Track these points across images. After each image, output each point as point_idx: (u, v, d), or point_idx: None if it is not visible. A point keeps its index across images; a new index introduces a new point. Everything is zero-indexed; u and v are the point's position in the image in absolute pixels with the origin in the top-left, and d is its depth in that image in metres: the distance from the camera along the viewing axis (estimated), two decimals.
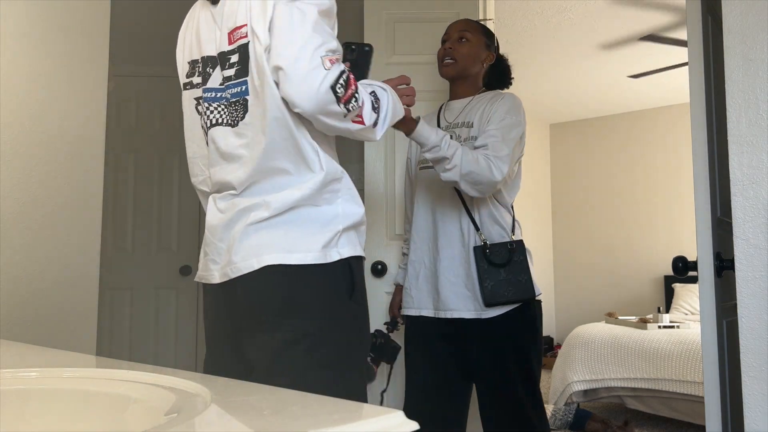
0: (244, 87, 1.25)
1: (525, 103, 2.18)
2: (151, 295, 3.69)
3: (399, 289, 2.20)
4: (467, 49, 2.02)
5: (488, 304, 1.88)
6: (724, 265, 1.72)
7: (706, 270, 1.71)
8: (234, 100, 1.27)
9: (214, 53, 1.32)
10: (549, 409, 3.98)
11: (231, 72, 1.27)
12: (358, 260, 1.29)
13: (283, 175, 1.25)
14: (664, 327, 4.27)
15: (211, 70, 1.32)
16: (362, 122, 1.25)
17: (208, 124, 1.33)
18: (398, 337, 2.17)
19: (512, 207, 2.05)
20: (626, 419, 3.85)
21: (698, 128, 1.76)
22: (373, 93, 1.31)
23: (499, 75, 2.11)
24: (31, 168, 1.84)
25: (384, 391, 2.19)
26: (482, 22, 2.13)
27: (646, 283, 6.60)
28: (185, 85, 1.42)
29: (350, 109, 1.20)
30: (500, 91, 2.10)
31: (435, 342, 2.00)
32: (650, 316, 4.64)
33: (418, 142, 1.79)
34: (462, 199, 1.95)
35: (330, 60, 1.18)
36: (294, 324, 1.21)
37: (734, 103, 1.44)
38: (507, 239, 1.94)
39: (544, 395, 3.08)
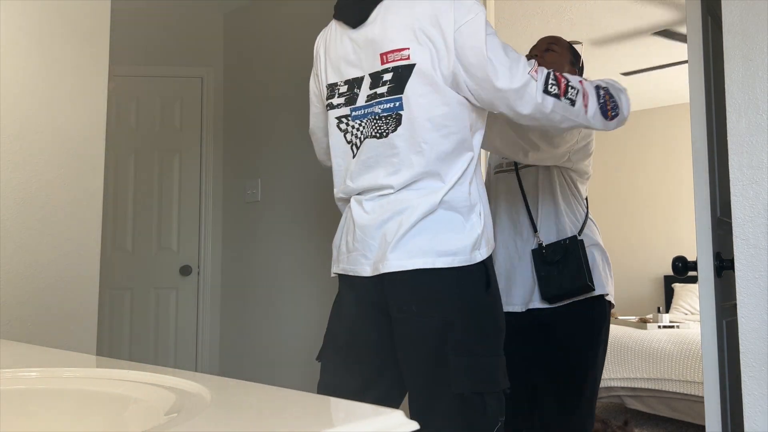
0: (398, 103, 1.40)
1: None
2: (151, 295, 3.69)
3: None
4: (553, 57, 2.03)
5: (546, 299, 1.92)
6: (724, 265, 1.72)
7: (706, 270, 1.71)
8: (385, 114, 1.42)
9: (359, 74, 1.47)
10: None
11: (383, 89, 1.42)
12: (490, 259, 1.46)
13: (435, 180, 1.41)
14: (664, 327, 4.27)
15: (357, 90, 1.47)
16: (586, 107, 1.48)
17: (360, 138, 1.47)
18: None
19: (586, 200, 2.12)
20: (626, 419, 3.84)
21: (698, 128, 1.76)
22: (605, 89, 1.56)
23: None
24: (32, 168, 1.84)
25: None
26: (573, 44, 2.12)
27: (646, 283, 6.60)
28: (327, 105, 1.56)
29: (572, 98, 1.44)
30: None
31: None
32: (650, 316, 4.64)
33: None
34: (526, 203, 2.00)
35: (534, 70, 1.41)
36: (440, 315, 1.38)
37: (734, 103, 1.44)
38: (568, 236, 1.97)
39: None
